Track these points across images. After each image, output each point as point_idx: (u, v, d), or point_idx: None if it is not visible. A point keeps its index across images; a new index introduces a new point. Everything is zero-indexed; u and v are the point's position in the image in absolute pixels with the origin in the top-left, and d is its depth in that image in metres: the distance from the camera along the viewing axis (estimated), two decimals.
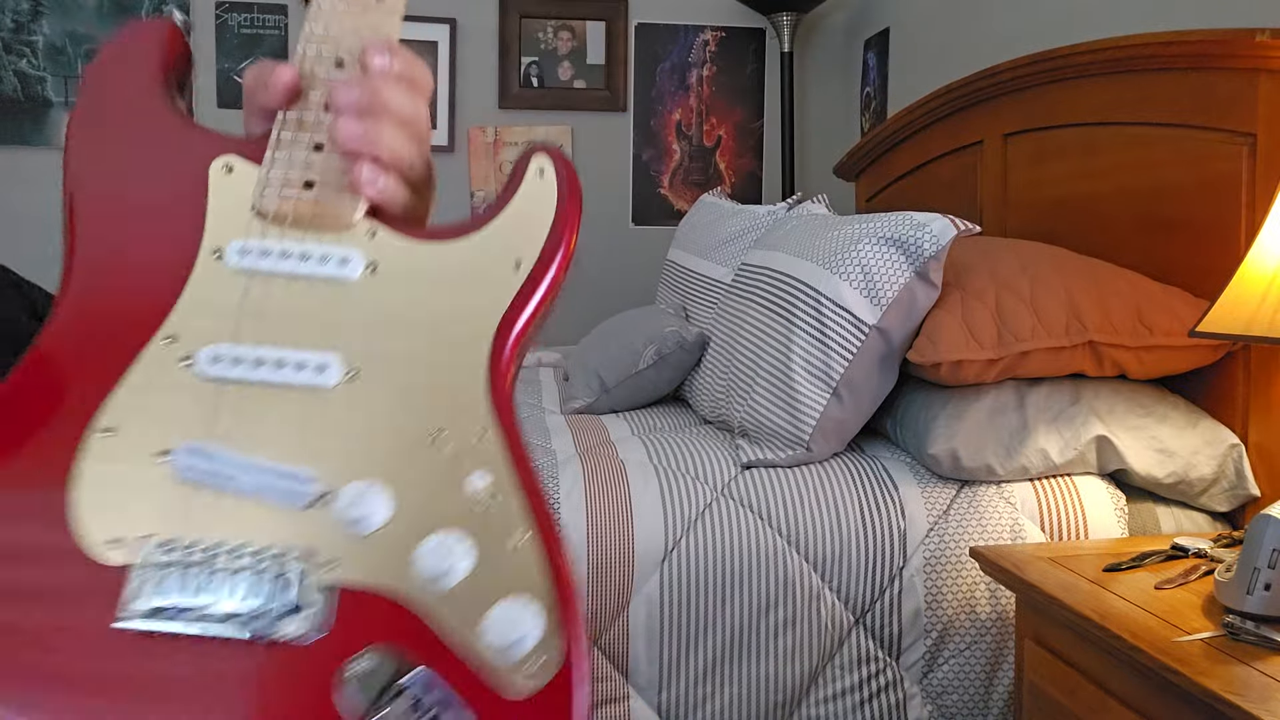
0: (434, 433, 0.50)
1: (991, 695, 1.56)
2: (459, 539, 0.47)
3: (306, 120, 0.56)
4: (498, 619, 0.45)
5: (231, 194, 0.55)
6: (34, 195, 3.27)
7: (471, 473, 0.49)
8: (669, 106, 3.61)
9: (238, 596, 0.45)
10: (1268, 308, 1.23)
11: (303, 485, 0.48)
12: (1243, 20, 1.64)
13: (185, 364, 0.51)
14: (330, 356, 0.51)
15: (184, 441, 0.48)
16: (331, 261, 0.54)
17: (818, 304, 1.68)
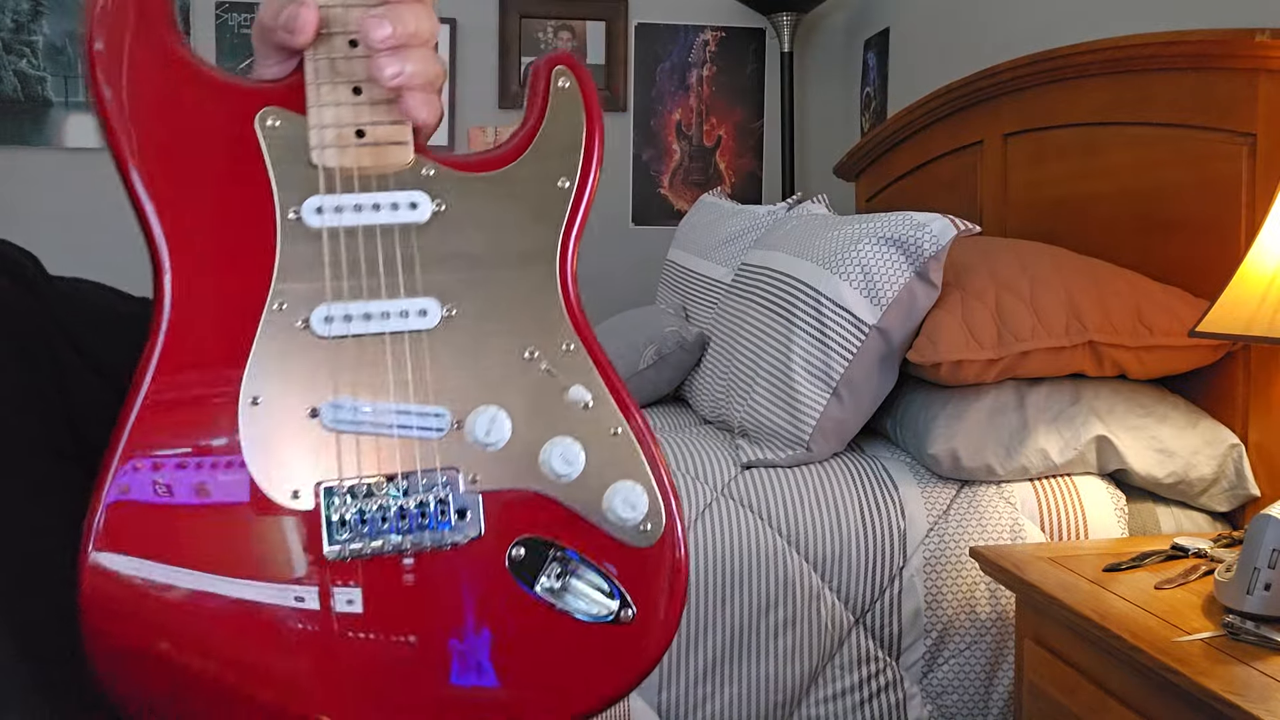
0: (528, 354, 0.58)
1: (991, 695, 1.56)
2: (571, 442, 0.57)
3: (338, 62, 0.56)
4: (613, 498, 0.57)
5: (285, 149, 0.55)
6: (34, 195, 3.27)
7: (567, 385, 0.58)
8: (669, 106, 3.61)
9: (412, 518, 0.55)
10: (1268, 308, 1.23)
11: (436, 420, 0.56)
12: (1243, 20, 1.64)
13: (301, 327, 0.55)
14: (426, 301, 0.56)
15: (324, 399, 0.54)
16: (402, 207, 0.57)
17: (818, 304, 1.68)
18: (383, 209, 0.56)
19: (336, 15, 0.55)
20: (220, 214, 0.55)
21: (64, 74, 3.29)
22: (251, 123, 0.55)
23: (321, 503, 0.54)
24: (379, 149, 0.56)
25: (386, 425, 0.55)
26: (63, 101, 3.29)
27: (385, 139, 0.56)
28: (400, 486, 0.55)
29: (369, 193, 0.56)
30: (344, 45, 0.56)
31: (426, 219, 0.57)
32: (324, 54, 0.56)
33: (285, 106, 0.56)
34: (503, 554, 0.56)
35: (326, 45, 0.56)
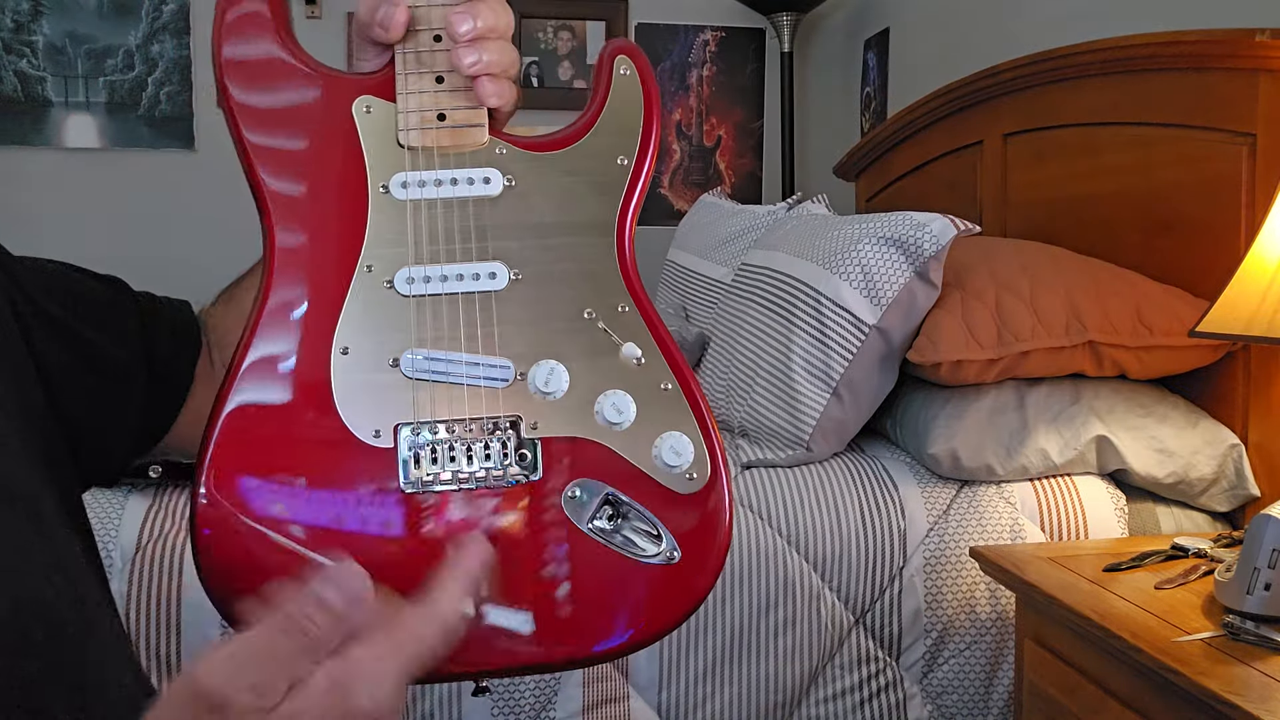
0: (587, 314, 0.65)
1: (991, 695, 1.56)
2: (624, 395, 0.63)
3: (423, 55, 0.63)
4: (662, 447, 0.63)
5: (377, 131, 0.63)
6: (34, 195, 3.27)
7: (621, 343, 0.64)
8: (669, 106, 3.61)
9: (478, 458, 0.61)
10: (1268, 308, 1.23)
11: (501, 371, 0.62)
12: (1243, 20, 1.64)
13: (387, 287, 0.62)
14: (496, 265, 0.63)
15: (404, 350, 0.62)
16: (477, 182, 0.64)
17: (818, 304, 1.68)
18: (459, 184, 0.64)
19: (422, 13, 0.63)
20: (321, 186, 0.63)
21: (64, 74, 3.29)
22: (350, 109, 0.63)
23: (399, 442, 0.61)
24: (457, 131, 0.64)
25: (458, 375, 0.62)
26: (63, 101, 3.29)
27: (463, 121, 0.64)
28: (469, 429, 0.62)
29: (448, 169, 0.64)
30: (429, 40, 0.63)
31: (498, 192, 0.64)
32: (411, 48, 0.63)
33: (378, 95, 0.64)
34: (559, 495, 0.62)
35: (414, 40, 0.63)
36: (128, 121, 3.32)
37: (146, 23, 3.33)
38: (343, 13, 3.41)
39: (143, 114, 3.33)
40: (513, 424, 0.62)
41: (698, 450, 0.63)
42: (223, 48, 0.63)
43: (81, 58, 3.29)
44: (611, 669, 1.50)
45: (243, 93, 0.63)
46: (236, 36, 0.63)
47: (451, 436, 0.61)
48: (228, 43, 0.63)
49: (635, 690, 1.50)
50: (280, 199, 0.62)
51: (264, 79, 0.63)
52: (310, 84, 0.64)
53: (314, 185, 0.63)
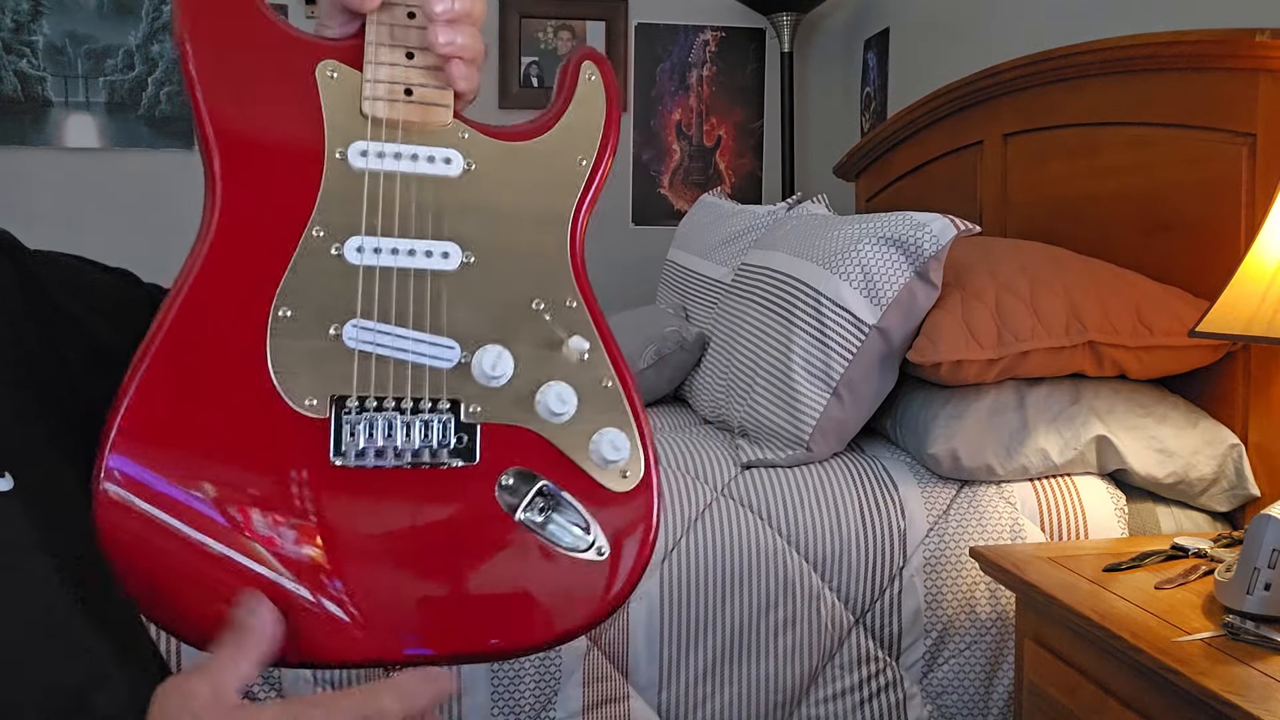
0: (536, 304, 0.64)
1: (991, 695, 1.56)
2: (566, 387, 0.62)
3: (396, 29, 0.63)
4: (599, 441, 0.63)
5: (340, 97, 0.62)
6: (34, 195, 3.27)
7: (568, 335, 0.64)
8: (669, 106, 3.61)
9: (415, 436, 0.60)
10: (1268, 308, 1.23)
11: (446, 352, 0.61)
12: (1243, 20, 1.64)
13: (335, 254, 0.61)
14: (449, 245, 0.63)
15: (348, 320, 0.60)
16: (437, 161, 0.63)
17: (818, 304, 1.68)
18: (420, 160, 0.63)
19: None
20: (274, 145, 0.62)
21: (64, 74, 3.29)
22: (312, 71, 0.62)
23: (334, 414, 0.59)
24: (424, 108, 0.63)
25: (401, 350, 0.61)
26: (63, 101, 3.29)
27: (430, 100, 0.63)
28: (407, 407, 0.60)
29: (410, 144, 0.63)
30: (403, 15, 0.63)
31: (458, 174, 0.64)
32: (385, 20, 0.62)
33: (344, 61, 0.63)
34: (493, 482, 0.61)
35: (389, 13, 0.62)
36: (128, 121, 3.32)
37: (146, 23, 3.33)
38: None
39: (143, 114, 3.33)
40: (453, 405, 0.61)
41: (633, 448, 0.64)
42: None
43: (81, 58, 3.29)
44: (611, 669, 1.50)
45: (201, 32, 0.60)
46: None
47: (389, 412, 0.60)
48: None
49: (635, 690, 1.50)
50: (230, 148, 0.60)
51: (226, 21, 0.61)
52: (275, 38, 0.62)
53: (267, 140, 0.61)
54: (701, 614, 1.51)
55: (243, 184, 0.60)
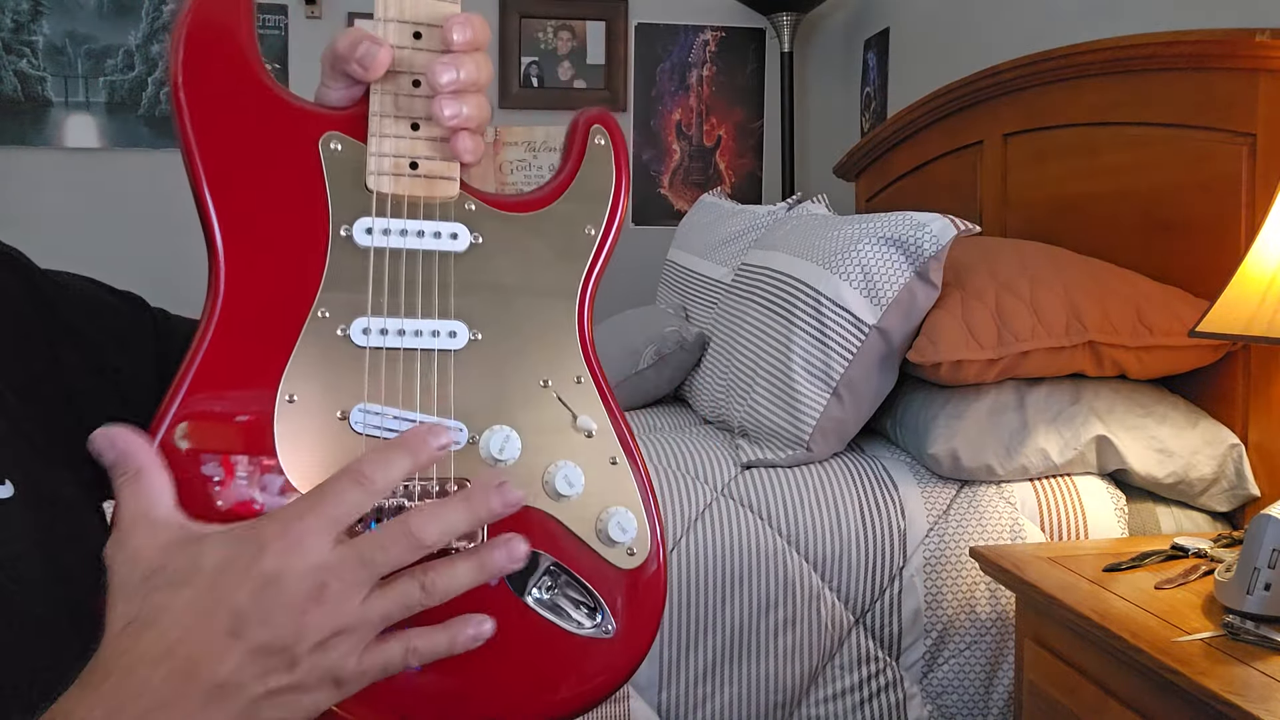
0: (544, 381, 0.63)
1: (991, 695, 1.56)
2: (574, 467, 0.62)
3: (400, 99, 0.61)
4: (606, 521, 0.62)
5: (344, 172, 0.61)
6: (34, 195, 3.27)
7: (576, 414, 0.63)
8: (669, 106, 3.61)
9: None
10: (1268, 308, 1.23)
11: (455, 434, 0.60)
12: (1243, 20, 1.64)
13: (341, 335, 0.60)
14: (456, 324, 0.62)
15: (355, 403, 0.59)
16: (444, 236, 0.62)
17: (818, 304, 1.68)
18: (426, 236, 0.61)
19: (404, 56, 0.60)
20: (278, 222, 0.60)
21: (64, 74, 3.29)
22: (315, 144, 0.60)
23: None
24: (430, 181, 0.61)
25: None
26: (63, 101, 3.29)
27: (436, 173, 0.61)
28: (415, 491, 0.59)
29: (416, 220, 0.61)
30: (408, 84, 0.61)
31: (464, 249, 0.62)
32: (390, 90, 0.60)
33: (346, 132, 0.61)
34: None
35: (393, 82, 0.60)
36: (128, 121, 3.32)
37: (146, 23, 3.33)
38: (343, 12, 3.41)
39: (143, 114, 3.33)
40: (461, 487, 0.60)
41: (640, 527, 0.63)
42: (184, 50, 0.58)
43: (81, 58, 3.29)
44: None
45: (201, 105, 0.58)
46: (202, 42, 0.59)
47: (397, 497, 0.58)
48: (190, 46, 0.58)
49: (635, 690, 1.50)
50: (232, 227, 0.58)
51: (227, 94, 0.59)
52: (276, 109, 0.60)
53: (269, 218, 0.60)
54: (701, 614, 1.51)
55: (245, 260, 0.59)
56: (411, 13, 0.61)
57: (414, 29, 0.61)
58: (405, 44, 0.60)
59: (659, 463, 1.64)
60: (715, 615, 1.51)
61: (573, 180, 0.66)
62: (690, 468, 1.63)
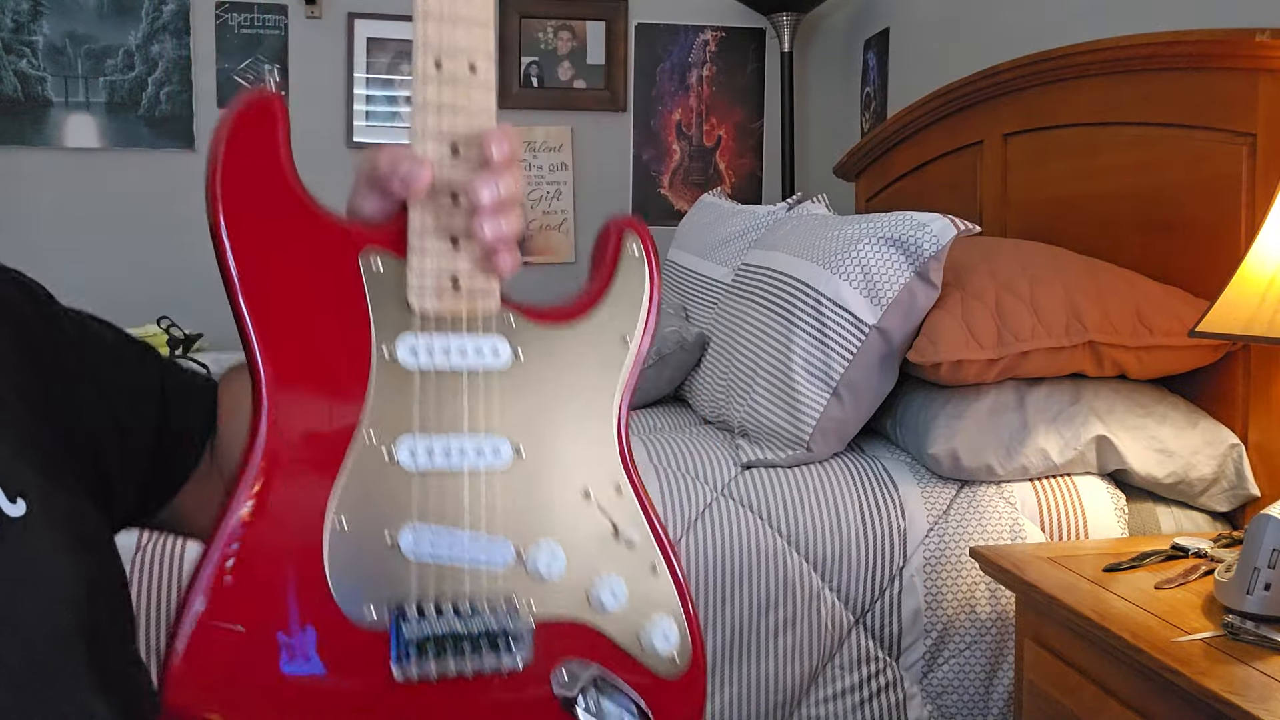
0: (585, 493, 0.64)
1: (991, 695, 1.56)
2: (618, 580, 0.63)
3: (441, 216, 0.61)
4: (651, 631, 0.64)
5: (385, 290, 0.60)
6: (34, 195, 3.27)
7: (618, 525, 0.64)
8: (669, 106, 3.61)
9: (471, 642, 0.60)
10: (1268, 308, 1.23)
11: (502, 552, 0.61)
12: (1243, 20, 1.64)
13: (387, 457, 0.60)
14: (500, 441, 0.62)
15: (403, 525, 0.59)
16: (485, 353, 0.62)
17: (818, 304, 1.68)
18: (468, 354, 0.62)
19: (443, 173, 0.60)
20: (320, 343, 0.60)
21: (64, 74, 3.29)
22: (356, 262, 0.60)
23: (392, 624, 0.59)
24: (471, 297, 0.61)
25: (458, 555, 0.60)
26: (63, 101, 3.29)
27: (477, 288, 0.62)
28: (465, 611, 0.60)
29: (458, 336, 0.61)
30: (447, 200, 0.61)
31: (506, 365, 0.63)
32: (430, 207, 0.60)
33: (387, 248, 0.61)
34: (548, 676, 0.62)
35: (433, 199, 0.60)
36: (128, 121, 3.32)
37: (146, 23, 3.32)
38: (343, 13, 3.40)
39: (143, 114, 3.33)
40: (509, 605, 0.61)
41: (682, 635, 0.65)
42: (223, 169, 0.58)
43: (81, 58, 3.29)
44: None
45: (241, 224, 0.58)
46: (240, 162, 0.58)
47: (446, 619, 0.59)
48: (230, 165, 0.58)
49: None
50: (273, 350, 0.58)
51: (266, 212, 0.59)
52: (316, 227, 0.60)
53: (311, 338, 0.59)
54: (702, 614, 1.51)
55: (288, 383, 0.59)
56: (450, 128, 0.60)
57: (452, 144, 0.60)
58: (444, 160, 0.60)
59: (659, 463, 1.64)
60: (715, 615, 1.51)
61: (607, 290, 0.67)
62: (690, 468, 1.63)
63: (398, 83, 3.44)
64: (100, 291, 3.35)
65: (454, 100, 0.60)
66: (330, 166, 3.78)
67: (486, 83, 0.61)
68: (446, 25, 0.60)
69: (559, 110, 3.53)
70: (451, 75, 0.60)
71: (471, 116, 0.61)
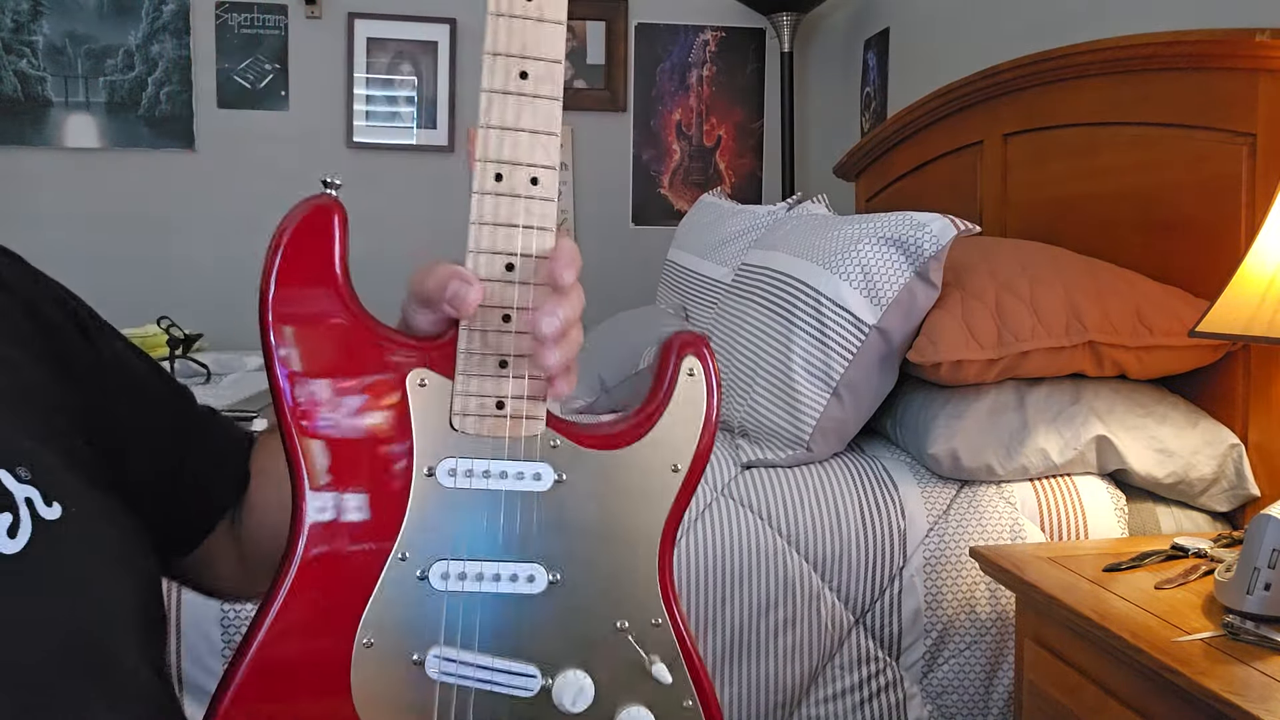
0: (620, 625, 0.62)
1: (991, 695, 1.56)
2: (647, 713, 0.61)
3: (489, 335, 0.59)
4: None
5: (430, 409, 0.60)
6: (34, 195, 3.27)
7: (653, 661, 0.62)
8: (669, 106, 3.61)
9: None
10: (1268, 308, 1.23)
11: (529, 679, 0.60)
12: (1243, 20, 1.64)
13: (420, 579, 0.59)
14: (535, 568, 0.61)
15: (431, 649, 0.59)
16: (527, 478, 0.61)
17: (818, 304, 1.68)
18: (509, 477, 0.61)
19: (495, 290, 0.59)
20: (362, 459, 0.59)
21: (64, 74, 3.29)
22: (404, 380, 0.59)
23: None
24: (516, 421, 0.60)
25: (483, 680, 0.59)
26: (63, 101, 3.29)
27: (524, 413, 0.60)
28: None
29: (500, 460, 0.60)
30: (497, 319, 0.59)
31: (548, 489, 0.61)
32: (478, 326, 0.59)
33: (434, 369, 0.60)
34: None
35: (481, 318, 0.59)
36: (128, 121, 3.32)
37: (146, 23, 3.33)
38: (343, 13, 3.41)
39: (143, 114, 3.33)
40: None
41: None
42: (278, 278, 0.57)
43: (81, 58, 3.29)
44: None
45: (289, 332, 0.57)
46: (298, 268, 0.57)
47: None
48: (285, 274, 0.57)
49: None
50: (317, 466, 0.58)
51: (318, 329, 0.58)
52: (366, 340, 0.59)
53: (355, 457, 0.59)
54: (701, 614, 1.51)
55: (329, 496, 0.58)
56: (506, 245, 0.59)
57: (507, 262, 0.59)
58: (496, 276, 0.59)
59: None
60: (715, 615, 1.51)
61: (662, 415, 0.64)
62: None
63: (397, 82, 3.44)
64: (100, 291, 3.35)
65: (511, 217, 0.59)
66: (330, 167, 3.77)
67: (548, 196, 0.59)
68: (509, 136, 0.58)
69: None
70: (511, 189, 0.59)
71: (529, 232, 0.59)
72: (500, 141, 0.58)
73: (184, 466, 0.70)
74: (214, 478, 0.72)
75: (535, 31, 0.58)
